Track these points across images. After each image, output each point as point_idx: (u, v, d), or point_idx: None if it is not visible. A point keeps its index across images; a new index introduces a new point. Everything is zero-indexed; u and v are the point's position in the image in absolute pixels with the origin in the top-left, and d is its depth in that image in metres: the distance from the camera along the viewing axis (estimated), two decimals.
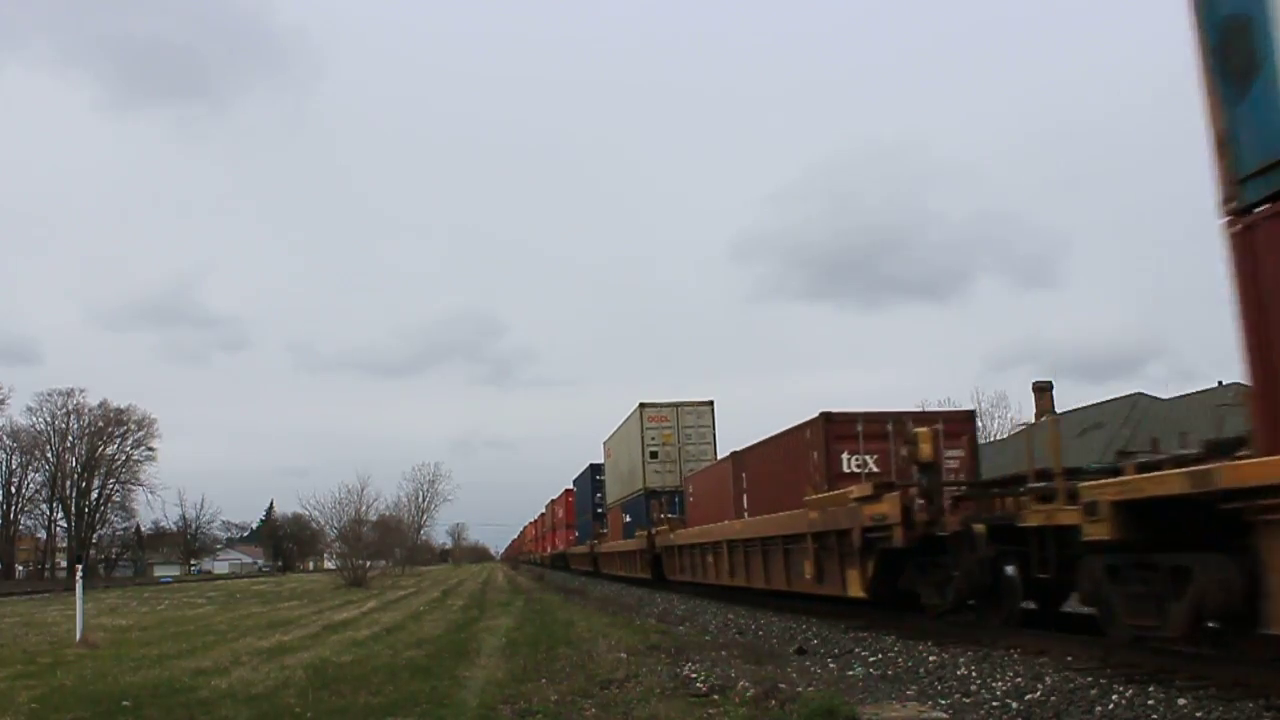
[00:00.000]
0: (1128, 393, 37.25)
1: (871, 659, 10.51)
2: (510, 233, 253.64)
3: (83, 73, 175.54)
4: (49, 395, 79.54)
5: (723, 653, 10.73)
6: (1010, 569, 10.47)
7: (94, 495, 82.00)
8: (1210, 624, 7.70)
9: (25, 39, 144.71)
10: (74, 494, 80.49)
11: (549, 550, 66.20)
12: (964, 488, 12.40)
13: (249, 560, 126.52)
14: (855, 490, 12.67)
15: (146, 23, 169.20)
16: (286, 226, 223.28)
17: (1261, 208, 6.09)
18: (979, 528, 10.53)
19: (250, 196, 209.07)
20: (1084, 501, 8.14)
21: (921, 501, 11.42)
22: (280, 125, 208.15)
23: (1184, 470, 7.00)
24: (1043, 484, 9.75)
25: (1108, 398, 39.14)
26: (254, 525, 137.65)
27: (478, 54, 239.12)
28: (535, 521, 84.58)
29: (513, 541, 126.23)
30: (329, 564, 79.35)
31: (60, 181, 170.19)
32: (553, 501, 63.67)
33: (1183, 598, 7.46)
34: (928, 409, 16.31)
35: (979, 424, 18.24)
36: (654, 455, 30.29)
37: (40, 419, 79.12)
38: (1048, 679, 8.11)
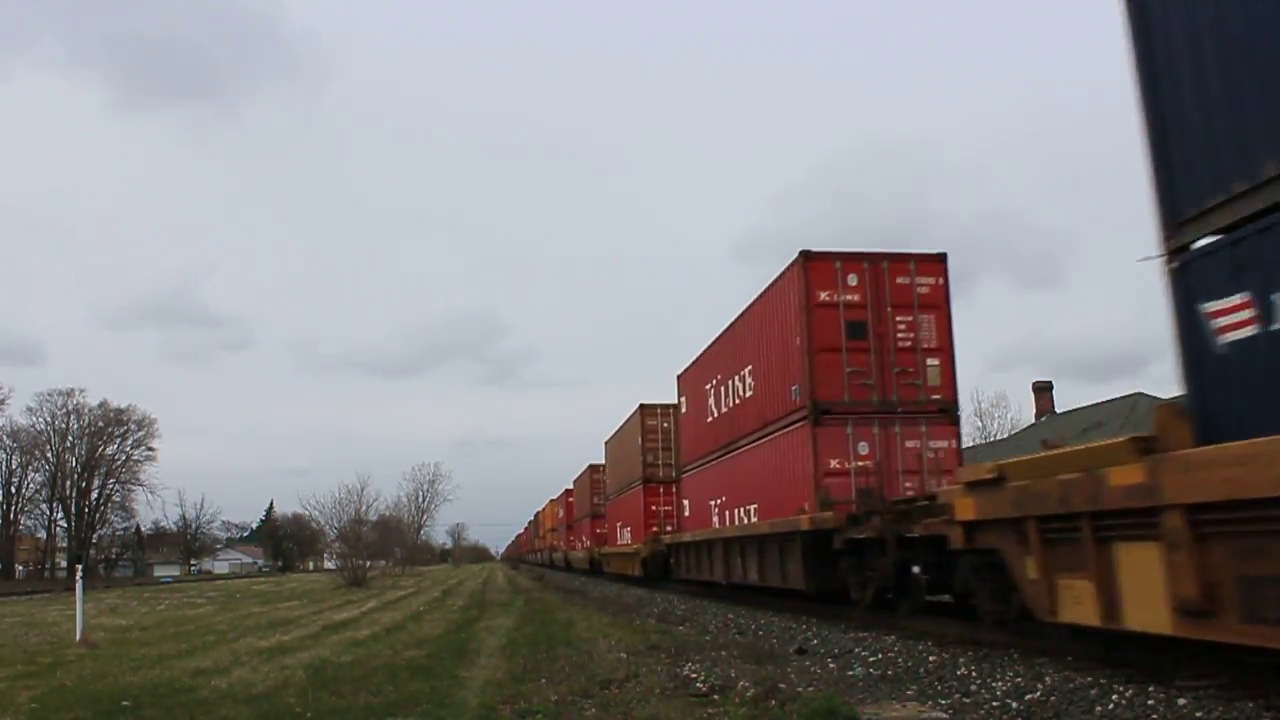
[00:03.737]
0: (1128, 393, 37.30)
1: (871, 659, 10.51)
2: (515, 233, 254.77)
3: (91, 72, 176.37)
4: (49, 395, 79.78)
5: (723, 653, 10.74)
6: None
7: (94, 495, 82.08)
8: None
9: (33, 38, 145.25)
10: (74, 494, 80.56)
11: (614, 541, 36.26)
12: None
13: (249, 560, 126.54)
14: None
15: (156, 23, 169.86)
16: (292, 227, 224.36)
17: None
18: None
19: (256, 197, 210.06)
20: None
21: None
22: (288, 126, 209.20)
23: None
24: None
25: (1108, 398, 39.24)
26: (254, 525, 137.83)
27: (484, 55, 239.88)
28: (559, 500, 61.06)
29: (518, 536, 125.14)
30: (329, 564, 79.35)
31: (66, 181, 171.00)
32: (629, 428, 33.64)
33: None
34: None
35: (978, 422, 18.83)
36: None
37: (40, 419, 79.32)
38: (1048, 679, 8.11)
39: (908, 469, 14.72)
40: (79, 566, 18.59)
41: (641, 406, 31.76)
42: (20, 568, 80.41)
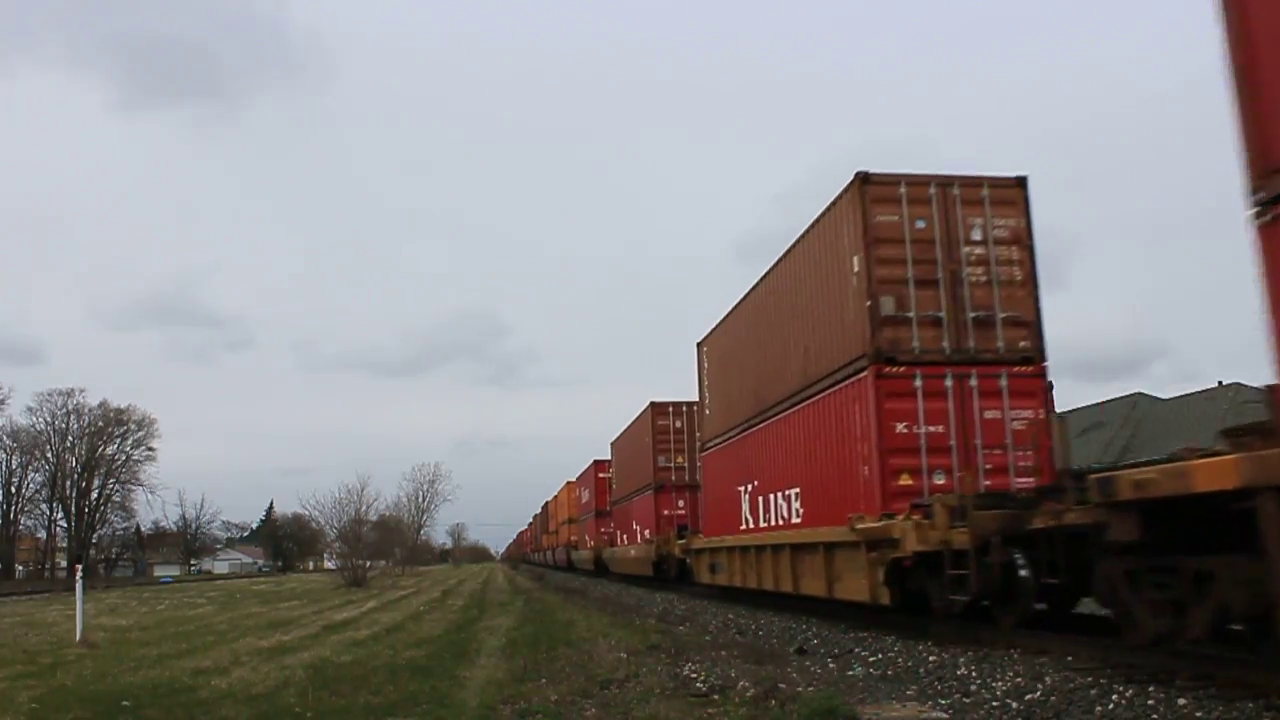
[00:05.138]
0: (1128, 393, 37.32)
1: (871, 659, 10.51)
2: (517, 233, 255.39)
3: (93, 72, 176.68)
4: (49, 395, 79.61)
5: (723, 653, 10.72)
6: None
7: (94, 495, 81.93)
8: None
9: (36, 37, 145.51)
10: (74, 494, 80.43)
11: (720, 526, 20.15)
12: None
13: (249, 560, 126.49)
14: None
15: (158, 22, 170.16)
16: (293, 226, 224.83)
17: None
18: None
19: (259, 196, 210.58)
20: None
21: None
22: (290, 126, 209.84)
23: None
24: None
25: (1108, 398, 39.25)
26: (254, 525, 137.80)
27: (486, 55, 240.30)
28: (584, 478, 45.70)
29: (520, 535, 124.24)
30: (329, 564, 79.29)
31: (67, 181, 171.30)
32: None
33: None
34: None
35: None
36: None
37: (40, 419, 79.13)
38: (1048, 679, 8.11)
39: None
40: (79, 566, 18.58)
41: (867, 179, 13.40)
42: (20, 568, 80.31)
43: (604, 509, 40.56)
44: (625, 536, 34.63)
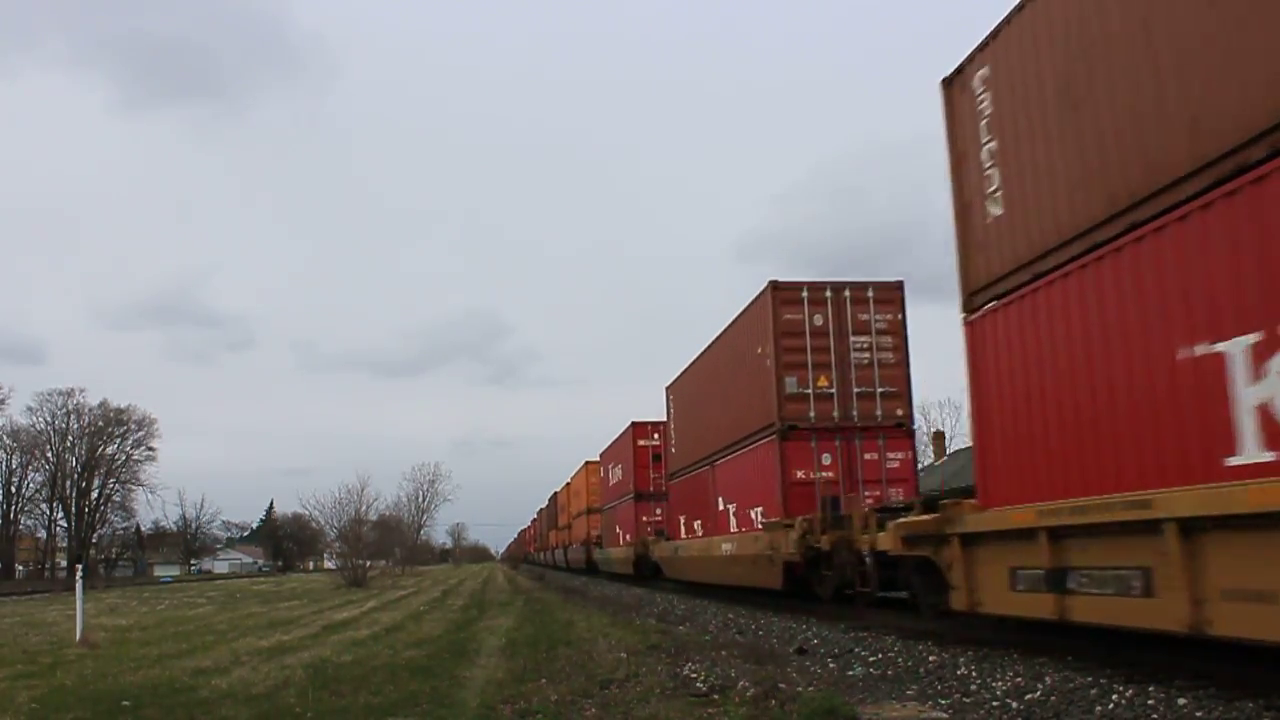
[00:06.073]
0: None
1: (871, 659, 10.51)
2: (517, 233, 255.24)
3: (96, 72, 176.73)
4: (49, 395, 79.73)
5: (723, 653, 10.72)
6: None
7: (94, 495, 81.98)
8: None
9: (39, 37, 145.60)
10: (74, 494, 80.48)
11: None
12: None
13: (249, 560, 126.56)
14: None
15: (160, 23, 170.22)
16: (293, 226, 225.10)
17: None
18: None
19: (260, 196, 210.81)
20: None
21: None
22: (291, 126, 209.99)
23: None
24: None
25: None
26: (254, 525, 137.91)
27: (487, 55, 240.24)
28: (617, 451, 35.78)
29: (522, 533, 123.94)
30: (329, 564, 79.37)
31: (69, 180, 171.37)
32: None
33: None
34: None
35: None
36: None
37: (40, 419, 79.25)
38: (1048, 679, 8.11)
39: None
40: (79, 566, 18.58)
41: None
42: (20, 568, 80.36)
43: (647, 490, 30.91)
44: (700, 524, 22.93)
